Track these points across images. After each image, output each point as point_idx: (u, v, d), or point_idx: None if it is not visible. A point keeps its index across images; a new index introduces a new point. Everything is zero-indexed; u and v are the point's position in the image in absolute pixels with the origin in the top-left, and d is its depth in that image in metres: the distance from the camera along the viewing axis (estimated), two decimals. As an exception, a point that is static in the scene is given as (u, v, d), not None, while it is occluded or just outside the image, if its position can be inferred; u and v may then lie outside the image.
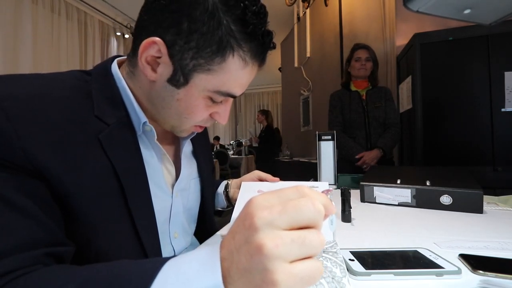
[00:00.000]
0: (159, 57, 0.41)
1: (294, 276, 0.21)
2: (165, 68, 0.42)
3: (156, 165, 0.50)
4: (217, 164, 3.94)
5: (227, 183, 0.76)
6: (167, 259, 0.27)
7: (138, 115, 0.46)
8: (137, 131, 0.47)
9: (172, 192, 0.54)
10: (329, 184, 1.20)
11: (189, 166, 0.61)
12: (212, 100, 0.45)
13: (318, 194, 0.25)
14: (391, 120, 1.59)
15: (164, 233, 0.52)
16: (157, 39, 0.39)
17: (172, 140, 0.59)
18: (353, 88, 1.68)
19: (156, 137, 0.49)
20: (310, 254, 0.22)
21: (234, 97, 0.46)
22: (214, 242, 0.55)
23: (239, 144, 6.58)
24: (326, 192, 0.57)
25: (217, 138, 7.15)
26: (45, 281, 0.28)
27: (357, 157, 1.54)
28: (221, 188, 0.76)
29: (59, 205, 0.36)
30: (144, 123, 0.46)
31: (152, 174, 0.48)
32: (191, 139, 0.61)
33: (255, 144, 4.58)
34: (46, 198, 0.34)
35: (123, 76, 0.47)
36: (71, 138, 0.37)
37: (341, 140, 1.59)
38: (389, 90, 1.68)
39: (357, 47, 1.68)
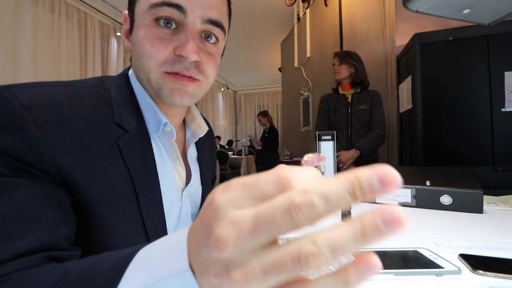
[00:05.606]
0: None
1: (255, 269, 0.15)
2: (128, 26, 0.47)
3: (169, 168, 0.51)
4: (217, 164, 3.93)
5: None
6: (143, 246, 0.23)
7: (159, 116, 0.46)
8: (154, 133, 0.47)
9: (181, 195, 0.54)
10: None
11: (196, 172, 0.60)
12: (158, 22, 0.41)
13: (308, 181, 0.17)
14: (375, 122, 1.61)
15: None
16: (125, 11, 0.47)
17: (180, 143, 0.59)
18: (340, 91, 1.74)
19: (175, 138, 0.49)
20: (280, 232, 0.15)
21: (176, 5, 0.40)
22: None
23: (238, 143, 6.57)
24: (317, 159, 0.31)
25: (218, 138, 7.15)
26: (30, 279, 0.27)
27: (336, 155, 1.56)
28: None
29: (77, 209, 0.37)
30: (165, 124, 0.46)
31: (164, 178, 0.48)
32: (196, 145, 0.60)
33: (258, 147, 4.52)
34: (64, 205, 0.35)
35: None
36: (94, 145, 0.38)
37: None
38: (378, 94, 1.67)
39: (334, 55, 1.76)
